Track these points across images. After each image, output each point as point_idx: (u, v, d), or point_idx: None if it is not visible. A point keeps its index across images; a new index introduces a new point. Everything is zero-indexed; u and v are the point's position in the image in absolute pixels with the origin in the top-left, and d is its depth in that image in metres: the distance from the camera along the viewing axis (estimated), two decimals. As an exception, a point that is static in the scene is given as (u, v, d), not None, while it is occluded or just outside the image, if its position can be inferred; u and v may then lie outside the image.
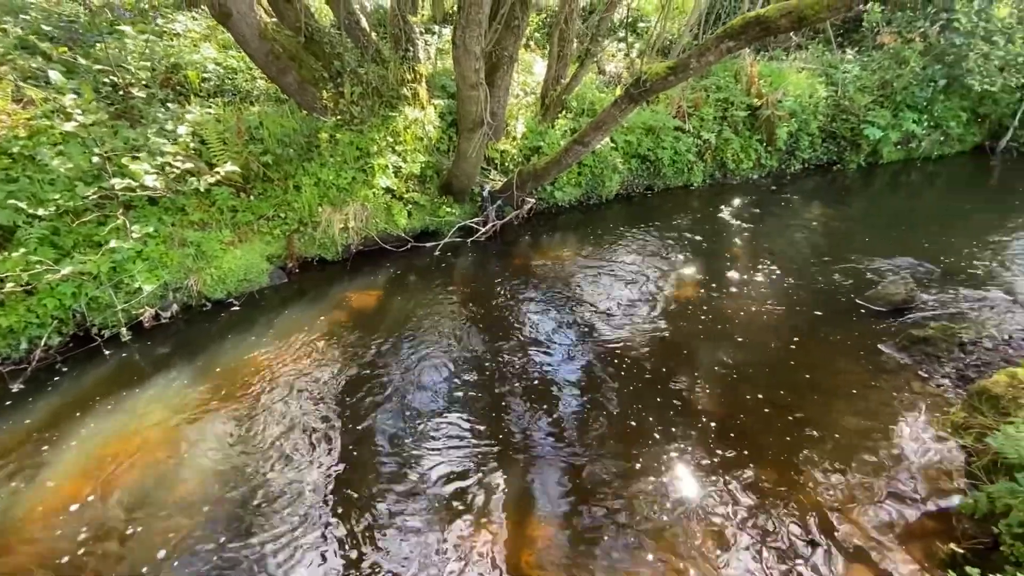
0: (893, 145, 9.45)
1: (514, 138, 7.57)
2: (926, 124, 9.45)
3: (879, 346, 4.52)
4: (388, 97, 6.59)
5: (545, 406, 3.93)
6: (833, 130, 9.37)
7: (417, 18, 7.63)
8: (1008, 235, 6.72)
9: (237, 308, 5.24)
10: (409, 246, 6.41)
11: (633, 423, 3.73)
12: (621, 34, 11.13)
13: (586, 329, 4.90)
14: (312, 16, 6.22)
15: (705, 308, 5.16)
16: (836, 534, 2.83)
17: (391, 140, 6.44)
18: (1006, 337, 4.43)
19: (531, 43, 10.51)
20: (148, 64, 5.89)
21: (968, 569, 2.19)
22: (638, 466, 3.36)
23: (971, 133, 10.11)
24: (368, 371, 4.29)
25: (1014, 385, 2.76)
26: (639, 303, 5.30)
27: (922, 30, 9.16)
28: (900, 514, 2.91)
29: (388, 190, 6.26)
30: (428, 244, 6.50)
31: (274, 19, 6.06)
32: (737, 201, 8.10)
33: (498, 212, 6.87)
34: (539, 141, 7.52)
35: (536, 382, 4.20)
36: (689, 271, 5.93)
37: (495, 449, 3.52)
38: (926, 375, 4.13)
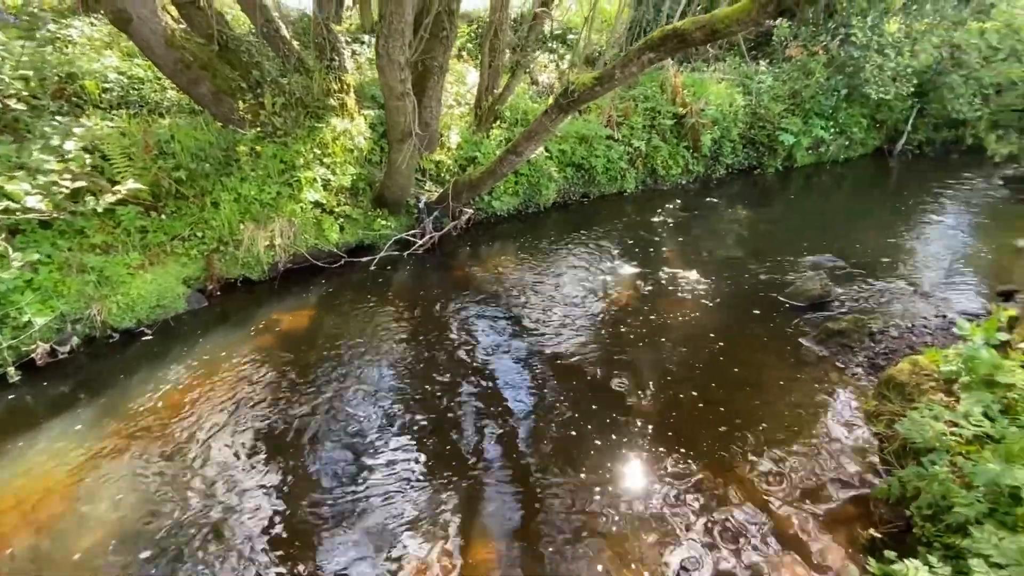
0: (805, 150, 10.17)
1: (449, 148, 7.50)
2: (832, 130, 10.24)
3: (800, 340, 4.78)
4: (313, 108, 6.34)
5: (490, 419, 3.85)
6: (752, 137, 9.95)
7: (342, 27, 7.41)
8: (907, 230, 7.36)
9: (149, 337, 4.82)
10: (343, 262, 6.16)
11: (577, 430, 3.72)
12: (552, 45, 11.37)
13: (528, 338, 4.88)
14: (226, 23, 5.90)
15: (642, 311, 5.28)
16: (768, 524, 2.93)
17: (319, 152, 6.19)
18: (909, 326, 4.81)
19: (463, 53, 10.51)
20: (32, 73, 5.33)
21: (887, 553, 2.31)
22: (584, 474, 3.35)
23: (871, 138, 11.05)
24: (301, 397, 4.05)
25: (916, 372, 2.97)
26: (579, 309, 5.34)
27: (824, 44, 9.95)
28: (825, 501, 3.05)
29: (317, 204, 6.01)
30: (363, 259, 6.29)
31: (183, 26, 5.70)
32: (668, 206, 8.41)
33: (435, 223, 6.76)
34: (474, 151, 7.49)
35: (479, 395, 4.11)
36: (626, 275, 6.06)
37: (441, 469, 3.40)
38: (842, 365, 4.40)
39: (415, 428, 3.76)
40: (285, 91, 6.09)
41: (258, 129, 5.86)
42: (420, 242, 6.53)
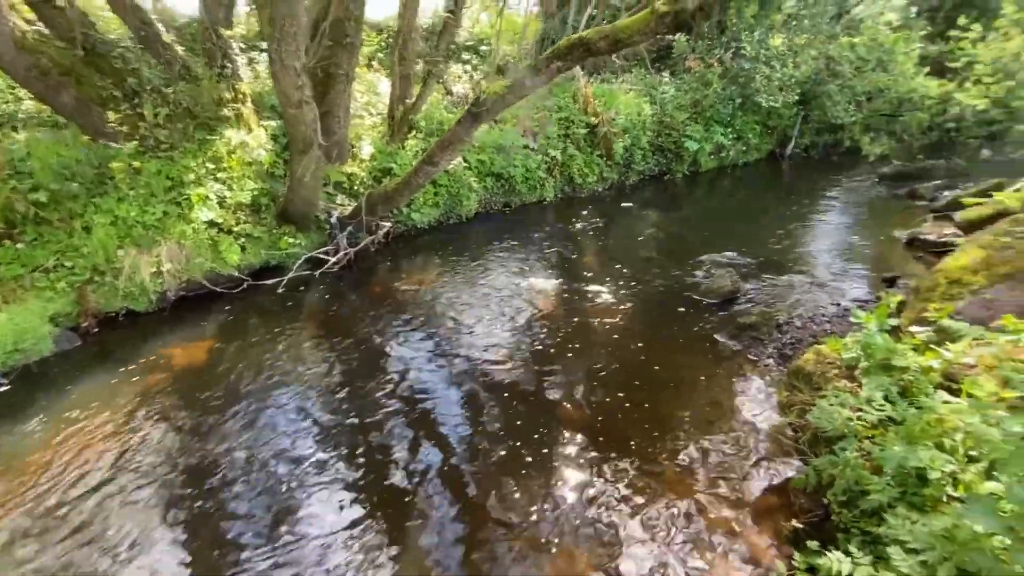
0: (708, 155, 10.82)
1: (362, 160, 7.15)
2: (731, 136, 10.99)
3: (716, 335, 4.95)
4: (204, 119, 5.78)
5: (420, 446, 3.60)
6: (660, 144, 10.44)
7: (235, 33, 6.86)
8: (800, 226, 7.98)
9: (6, 388, 4.10)
10: (246, 285, 5.64)
11: (510, 446, 3.57)
12: (465, 56, 11.32)
13: (455, 354, 4.68)
14: (92, 26, 5.24)
15: (566, 318, 5.25)
16: (699, 522, 2.92)
17: (212, 167, 5.64)
18: (810, 315, 5.14)
19: (374, 62, 10.18)
20: None
21: (809, 544, 2.35)
22: (520, 491, 3.20)
23: (765, 142, 11.99)
24: (200, 446, 3.57)
25: (821, 361, 3.13)
26: (505, 321, 5.22)
27: (719, 56, 10.67)
28: (749, 495, 3.11)
29: (212, 223, 5.45)
30: (270, 281, 5.79)
31: (37, 27, 4.98)
32: (586, 213, 8.56)
33: (350, 239, 6.39)
34: (390, 162, 7.20)
35: (407, 421, 3.84)
36: (549, 284, 6.04)
37: (371, 510, 3.07)
38: (755, 358, 4.59)
39: (339, 467, 3.42)
40: (169, 101, 5.50)
41: (137, 143, 5.23)
42: (334, 259, 6.13)
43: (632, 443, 3.57)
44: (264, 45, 8.34)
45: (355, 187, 6.92)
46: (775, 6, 10.98)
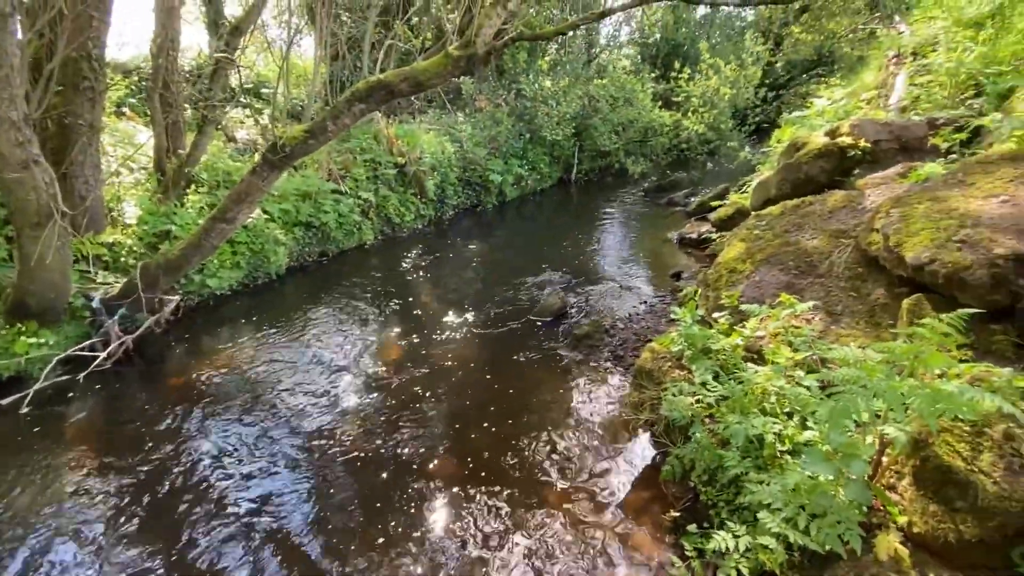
0: (511, 185, 11.68)
1: (126, 225, 5.85)
2: (526, 167, 12.06)
3: (558, 351, 5.23)
4: None
5: (263, 553, 2.92)
6: (468, 179, 10.91)
7: None
8: (597, 239, 9.07)
9: None
10: (-39, 415, 4.04)
11: (373, 516, 3.16)
12: (246, 99, 10.29)
13: (288, 433, 4.01)
14: None
15: (408, 364, 4.99)
16: (581, 533, 2.96)
17: None
18: (628, 316, 5.81)
19: (125, 109, 8.57)
20: None
21: (689, 528, 2.56)
22: (394, 558, 2.82)
23: (554, 170, 13.44)
24: None
25: (656, 358, 3.51)
26: (343, 381, 4.71)
27: (504, 96, 11.68)
28: (624, 496, 3.28)
29: None
30: (4, 400, 4.26)
31: None
32: (410, 251, 8.41)
33: (125, 324, 5.11)
34: (166, 224, 6.03)
35: (240, 531, 3.11)
36: (385, 331, 5.69)
37: None
38: (595, 364, 4.97)
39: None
40: None
41: None
42: (104, 354, 4.81)
43: (501, 475, 3.50)
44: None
45: (122, 259, 5.60)
46: (540, 53, 12.54)
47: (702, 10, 16.90)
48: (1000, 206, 2.76)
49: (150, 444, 3.92)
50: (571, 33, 13.11)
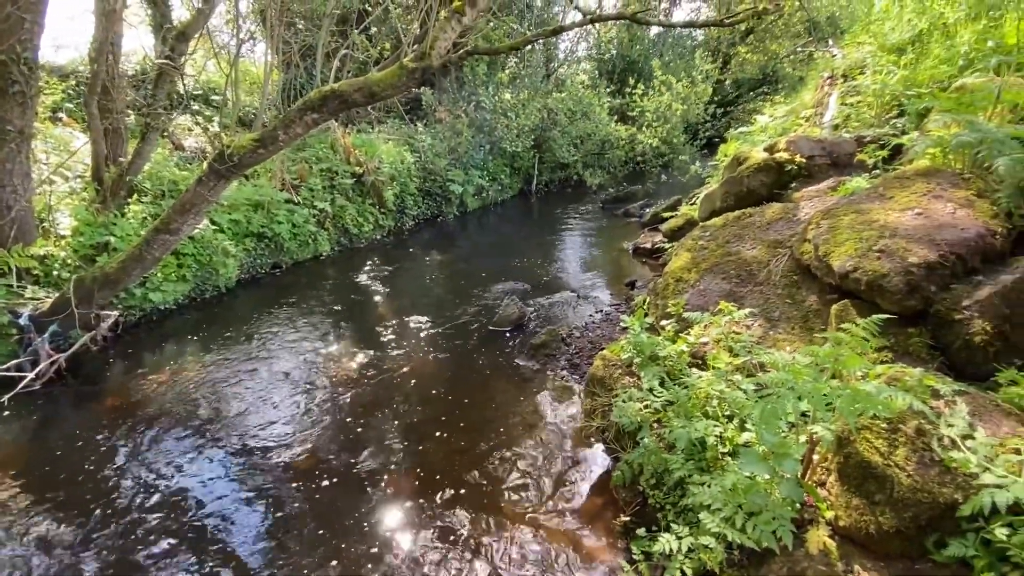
0: (472, 196, 11.72)
1: (59, 237, 5.53)
2: (488, 178, 12.14)
3: (515, 361, 5.26)
4: None
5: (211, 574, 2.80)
6: (428, 189, 10.88)
7: None
8: (556, 249, 9.21)
9: None
10: None
11: (328, 541, 3.07)
12: (195, 106, 9.95)
13: (237, 450, 3.87)
14: None
15: (365, 377, 4.91)
16: (537, 541, 2.98)
17: None
18: (584, 325, 5.91)
19: (61, 115, 8.14)
20: None
21: (638, 532, 2.62)
22: None
23: (515, 181, 13.58)
24: None
25: (607, 365, 3.59)
26: (298, 398, 4.59)
27: (464, 108, 11.75)
28: (578, 503, 3.32)
29: None
30: (-86, 427, 3.93)
31: None
32: (369, 262, 8.29)
33: (57, 342, 4.82)
34: (104, 235, 5.73)
35: (183, 548, 2.96)
36: (342, 344, 5.58)
37: None
38: (552, 373, 5.03)
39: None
40: None
41: None
42: (33, 374, 4.51)
43: (458, 488, 3.49)
44: None
45: (54, 273, 5.28)
46: (500, 66, 12.70)
47: (655, 29, 17.57)
48: (915, 218, 2.99)
49: (81, 469, 3.70)
50: (529, 47, 13.36)
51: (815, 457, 2.35)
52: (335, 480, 3.62)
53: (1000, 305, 2.54)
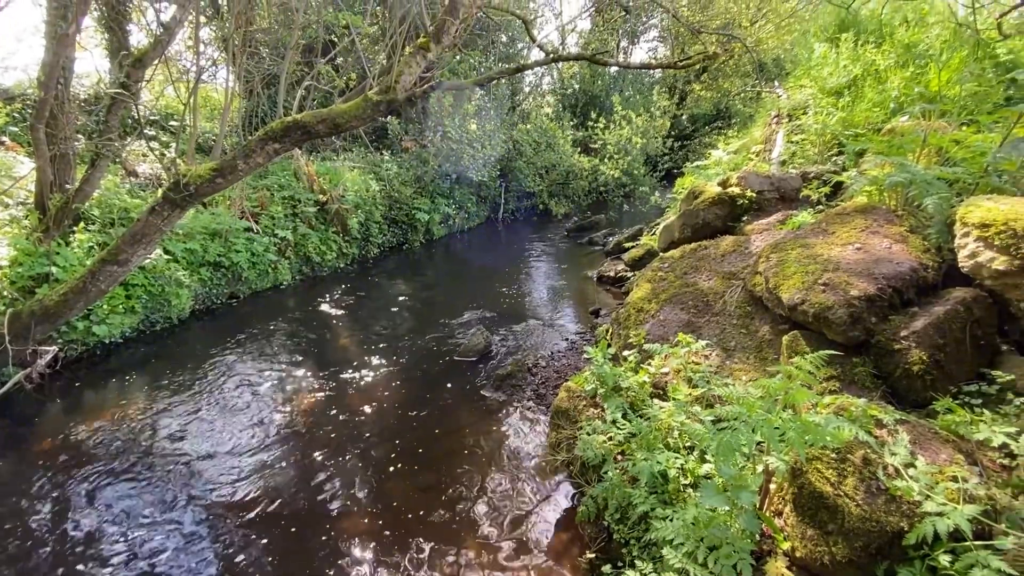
0: (439, 224, 11.74)
1: (-5, 267, 5.20)
2: (454, 206, 12.21)
3: (481, 392, 5.21)
4: None
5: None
6: (394, 217, 10.83)
7: None
8: (523, 277, 9.27)
9: None
10: None
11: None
12: (151, 131, 9.68)
13: (186, 492, 3.65)
14: None
15: (327, 411, 4.76)
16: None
17: None
18: (550, 354, 5.92)
19: (5, 139, 7.77)
20: None
21: (603, 569, 2.59)
22: None
23: (482, 210, 13.70)
24: None
25: (571, 397, 3.60)
26: (255, 435, 4.39)
27: (431, 138, 11.86)
28: (544, 540, 3.27)
29: None
30: None
31: None
32: (331, 292, 8.13)
33: (-15, 380, 4.48)
34: (46, 265, 5.43)
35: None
36: (303, 378, 5.41)
37: None
38: (518, 404, 5.00)
39: None
40: None
41: None
42: (-43, 416, 4.17)
43: (422, 526, 3.40)
44: None
45: (-13, 305, 4.95)
46: (466, 97, 12.93)
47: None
48: (855, 253, 3.18)
49: (8, 518, 3.39)
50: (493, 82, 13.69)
51: (773, 487, 2.41)
52: (289, 523, 3.45)
53: (934, 335, 2.71)
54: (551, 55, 6.27)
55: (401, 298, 8.09)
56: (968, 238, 2.76)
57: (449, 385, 5.30)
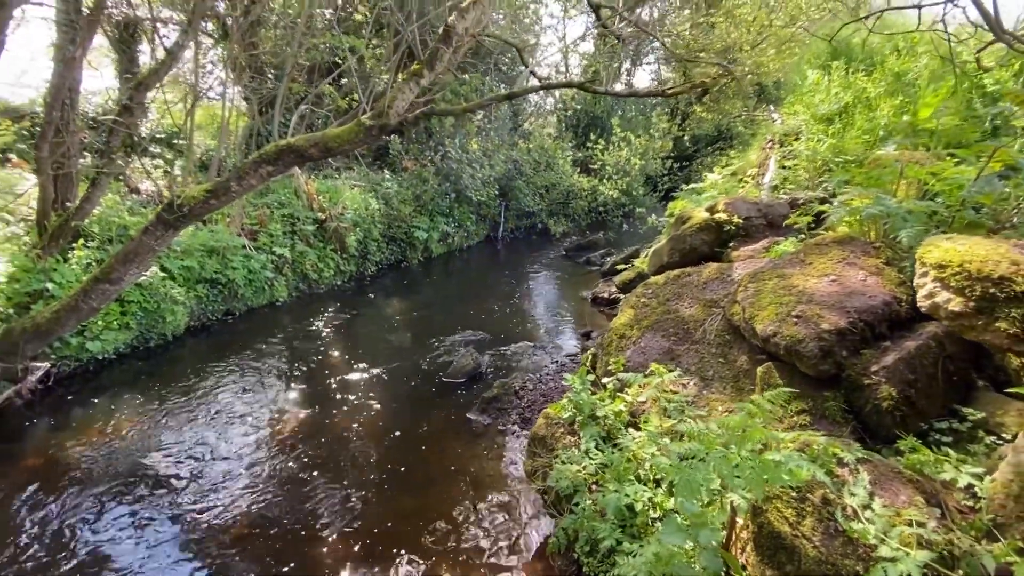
0: (437, 242, 11.83)
1: (-8, 284, 5.30)
2: (453, 225, 12.31)
3: (467, 415, 5.20)
4: None
5: None
6: (392, 235, 10.94)
7: None
8: (518, 296, 9.28)
9: None
10: None
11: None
12: (156, 149, 9.90)
13: (174, 511, 3.68)
14: None
15: (315, 432, 4.77)
16: None
17: None
18: (538, 377, 5.92)
19: (12, 156, 7.98)
20: None
21: (568, 604, 2.57)
22: None
23: (481, 228, 13.80)
24: None
25: (549, 424, 3.60)
26: (244, 455, 4.41)
27: (431, 158, 12.03)
28: (517, 571, 3.25)
29: None
30: None
31: None
32: (327, 309, 8.19)
33: (-24, 396, 4.54)
34: (41, 282, 5.52)
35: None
36: (294, 396, 5.44)
37: None
38: (503, 427, 4.99)
39: None
40: None
41: None
42: (-55, 432, 4.22)
43: (400, 552, 3.39)
44: None
45: (-18, 321, 5.04)
46: (467, 118, 13.13)
47: (618, 87, 18.58)
48: (829, 285, 3.20)
49: (-14, 540, 3.42)
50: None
51: (738, 525, 2.39)
52: (274, 543, 3.46)
53: (905, 371, 2.71)
54: (542, 82, 6.38)
55: (395, 316, 8.13)
56: (926, 278, 2.77)
57: (435, 407, 5.31)
